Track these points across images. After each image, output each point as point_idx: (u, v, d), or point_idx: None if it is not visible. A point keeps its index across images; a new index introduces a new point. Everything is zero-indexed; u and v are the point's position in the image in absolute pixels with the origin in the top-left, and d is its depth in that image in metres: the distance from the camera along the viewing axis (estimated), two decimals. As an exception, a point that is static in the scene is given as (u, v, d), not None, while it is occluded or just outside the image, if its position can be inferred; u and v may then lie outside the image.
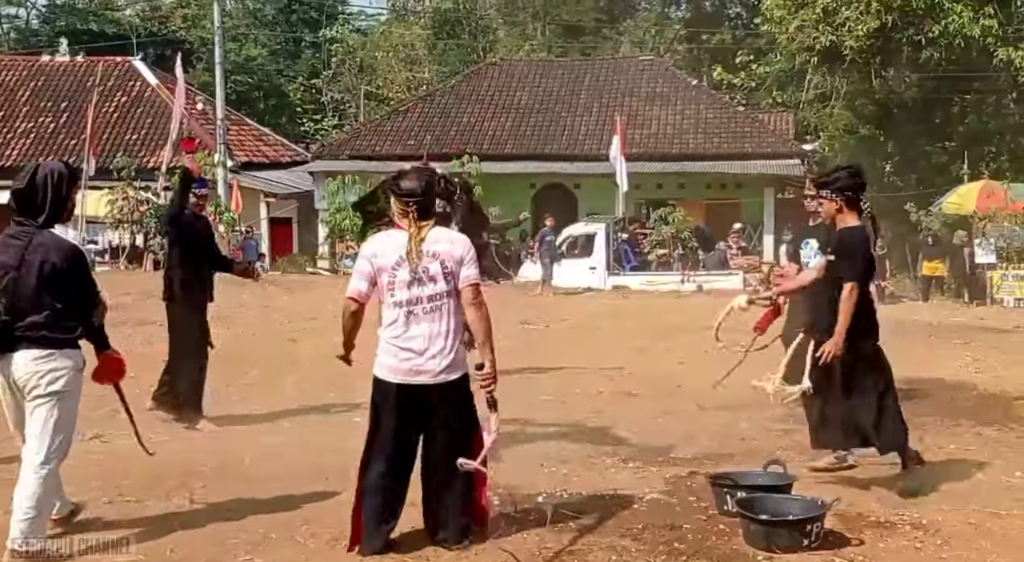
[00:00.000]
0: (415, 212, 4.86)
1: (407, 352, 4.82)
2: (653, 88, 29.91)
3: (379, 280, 4.84)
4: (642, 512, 5.75)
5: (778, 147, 27.81)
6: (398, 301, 4.83)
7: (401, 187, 4.93)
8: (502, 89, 30.70)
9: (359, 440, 7.49)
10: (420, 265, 4.81)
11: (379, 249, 4.90)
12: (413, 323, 4.82)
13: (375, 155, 28.30)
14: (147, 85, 31.79)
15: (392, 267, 4.82)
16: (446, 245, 4.89)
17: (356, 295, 4.90)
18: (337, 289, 17.99)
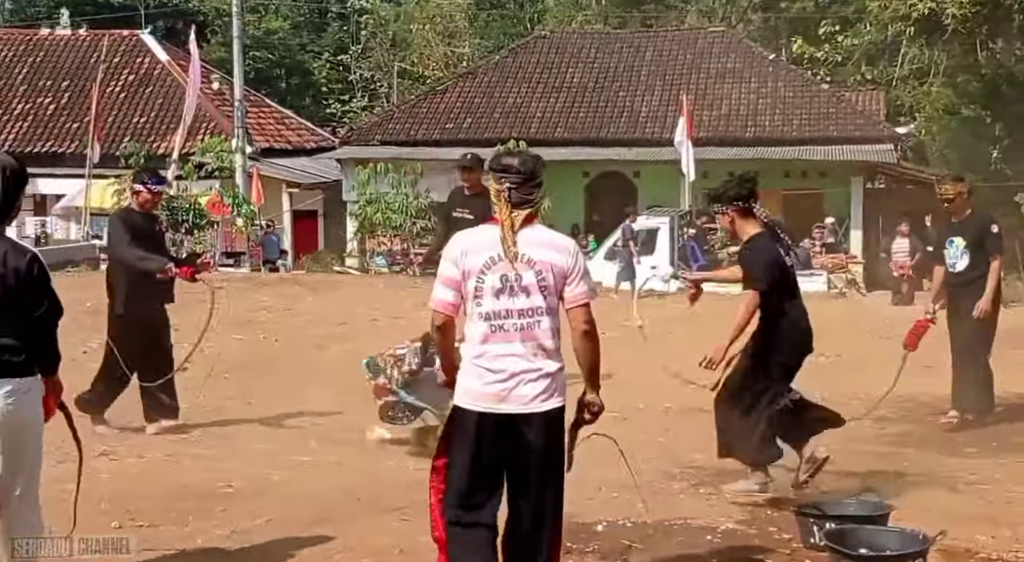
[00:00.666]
0: (508, 193, 4.54)
1: (492, 374, 4.47)
2: (724, 63, 29.75)
3: (464, 286, 4.48)
4: (716, 544, 5.73)
5: (867, 130, 27.55)
6: (484, 313, 4.47)
7: (500, 162, 4.66)
8: (552, 66, 30.70)
9: (394, 460, 7.57)
10: (514, 268, 4.47)
11: (467, 246, 4.54)
12: (502, 340, 4.46)
13: (409, 140, 28.44)
14: (157, 62, 32.20)
15: (480, 270, 4.47)
16: (547, 252, 4.51)
17: (441, 306, 4.53)
18: (367, 290, 18.13)
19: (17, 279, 4.46)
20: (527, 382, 4.46)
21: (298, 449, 7.90)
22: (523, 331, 4.47)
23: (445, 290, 4.52)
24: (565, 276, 4.51)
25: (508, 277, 4.46)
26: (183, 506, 6.31)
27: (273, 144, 31.44)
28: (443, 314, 4.53)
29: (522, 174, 4.58)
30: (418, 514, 6.17)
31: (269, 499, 6.50)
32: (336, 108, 44.83)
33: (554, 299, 4.50)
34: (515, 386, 4.45)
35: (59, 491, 6.46)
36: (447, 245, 4.63)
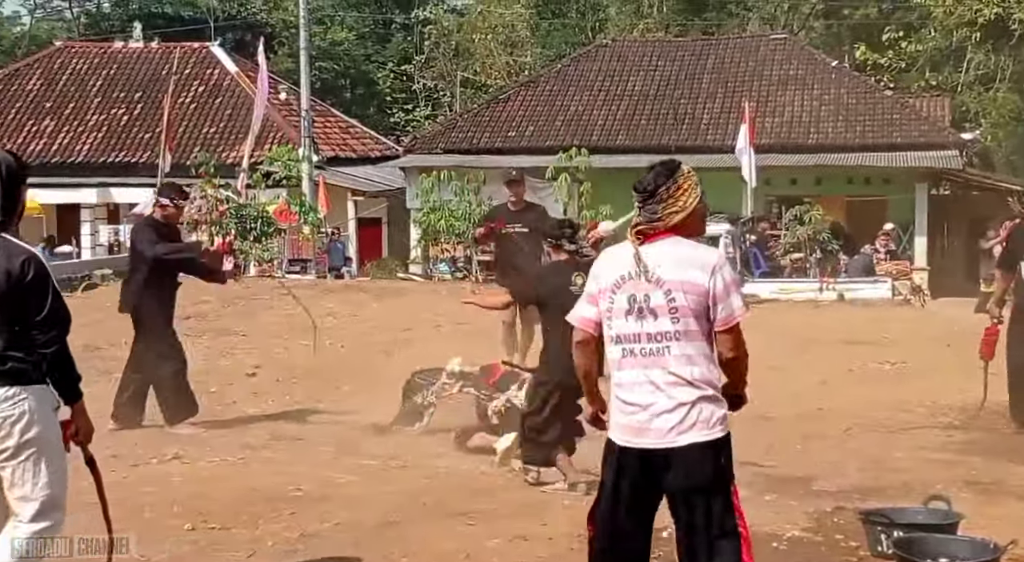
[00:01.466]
0: (638, 211, 4.23)
1: (629, 406, 4.11)
2: (786, 70, 29.51)
3: (600, 304, 4.20)
4: (782, 552, 5.68)
5: (932, 136, 27.16)
6: (614, 336, 4.16)
7: (643, 178, 4.33)
8: (613, 74, 30.63)
9: (459, 463, 7.58)
10: (640, 289, 4.12)
11: (602, 265, 4.28)
12: (633, 366, 4.12)
13: (472, 148, 28.52)
14: (226, 73, 32.59)
15: (612, 289, 4.17)
16: (681, 270, 4.09)
17: (580, 322, 4.29)
18: (431, 296, 18.19)
19: (8, 281, 4.18)
20: (662, 413, 4.06)
21: (364, 453, 7.95)
22: (653, 357, 4.08)
23: (585, 306, 4.27)
24: (705, 294, 4.07)
25: (636, 297, 4.11)
26: (253, 509, 6.37)
27: (339, 153, 31.69)
28: (581, 330, 4.28)
29: (643, 193, 4.25)
30: (483, 519, 6.20)
31: (336, 502, 6.55)
32: (400, 117, 45.11)
33: (691, 321, 4.07)
34: (650, 418, 4.07)
35: (137, 493, 6.57)
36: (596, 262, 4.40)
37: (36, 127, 31.40)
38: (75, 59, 33.86)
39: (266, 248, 24.40)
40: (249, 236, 23.84)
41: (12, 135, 31.17)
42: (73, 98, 32.30)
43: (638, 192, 4.26)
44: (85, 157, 30.40)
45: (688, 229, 4.26)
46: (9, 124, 31.56)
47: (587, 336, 4.27)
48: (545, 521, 6.17)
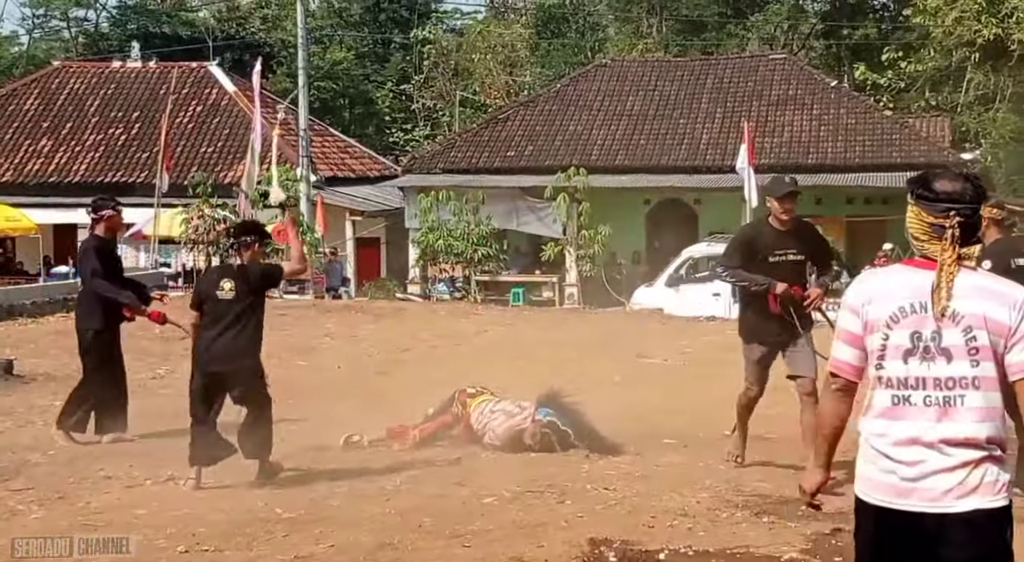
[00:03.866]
0: (957, 229, 3.50)
1: (892, 462, 3.45)
2: (785, 90, 29.62)
3: (866, 342, 3.52)
4: (779, 574, 5.67)
5: (932, 156, 27.22)
6: (887, 378, 3.48)
7: (935, 187, 3.60)
8: (613, 93, 30.74)
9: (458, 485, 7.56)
10: (936, 323, 3.44)
11: (874, 292, 3.58)
12: (907, 417, 3.45)
13: (471, 168, 28.59)
14: (224, 93, 32.71)
15: (888, 321, 3.48)
16: (981, 303, 3.44)
17: (841, 369, 3.58)
18: (429, 317, 18.22)
19: None
20: (938, 473, 3.41)
21: (360, 473, 7.94)
22: (939, 407, 3.42)
23: (845, 348, 3.56)
24: (1006, 335, 3.42)
25: (923, 335, 3.45)
26: (247, 531, 6.36)
27: (337, 173, 31.77)
28: (843, 378, 3.58)
29: (975, 203, 3.57)
30: (480, 541, 6.19)
31: (332, 524, 6.53)
32: (399, 137, 45.24)
33: (991, 365, 3.42)
34: (921, 477, 3.42)
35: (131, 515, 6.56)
36: (847, 292, 3.66)
37: (33, 147, 31.49)
38: (73, 79, 33.98)
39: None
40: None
41: (9, 155, 31.28)
42: (71, 118, 32.41)
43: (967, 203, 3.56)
44: (82, 177, 30.46)
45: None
46: (6, 144, 31.65)
47: (848, 384, 3.60)
48: (542, 543, 6.16)
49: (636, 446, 8.65)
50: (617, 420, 9.04)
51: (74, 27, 53.67)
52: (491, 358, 12.93)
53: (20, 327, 16.45)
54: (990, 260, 7.54)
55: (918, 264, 3.60)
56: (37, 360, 12.79)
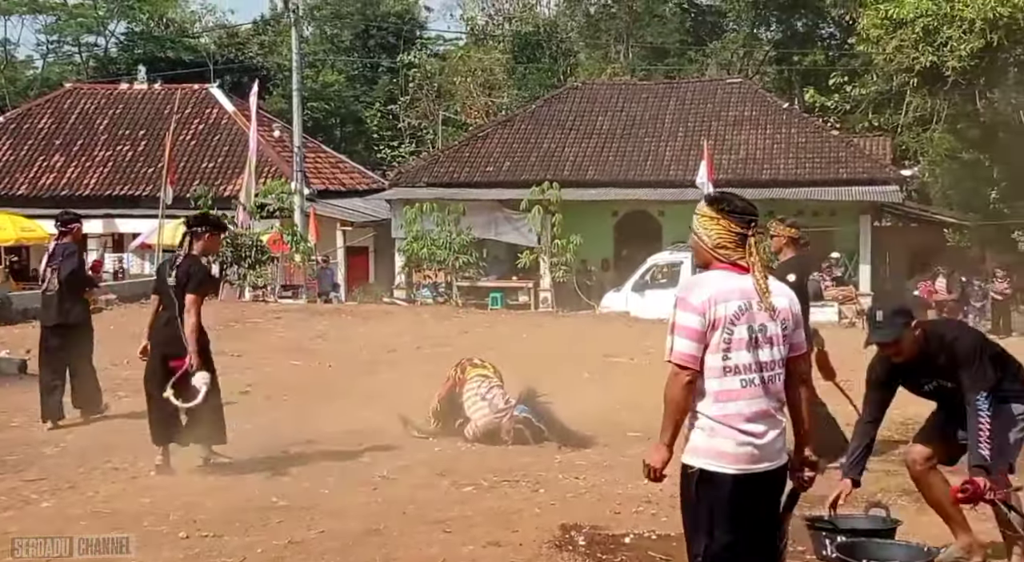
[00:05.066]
0: (754, 237, 3.96)
1: (748, 436, 3.84)
2: (741, 111, 29.70)
3: (710, 337, 3.86)
4: (735, 556, 5.66)
5: (875, 173, 27.37)
6: (734, 367, 3.85)
7: (736, 204, 4.00)
8: (583, 114, 30.77)
9: (439, 475, 7.55)
10: (764, 318, 3.89)
11: (716, 294, 3.88)
12: (754, 396, 3.87)
13: (453, 182, 28.56)
14: (224, 112, 32.55)
15: (732, 319, 3.85)
16: (785, 300, 3.95)
17: (687, 362, 3.86)
18: (414, 320, 18.17)
19: None
20: (774, 437, 3.89)
21: (350, 465, 7.92)
22: (769, 385, 3.88)
23: (690, 342, 3.85)
24: (795, 323, 3.96)
25: (754, 328, 3.86)
26: (244, 518, 6.33)
27: (328, 186, 31.66)
28: (691, 369, 3.85)
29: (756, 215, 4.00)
30: (459, 527, 6.19)
31: (322, 512, 6.51)
32: (386, 153, 45.14)
33: (787, 348, 3.94)
34: (767, 443, 3.86)
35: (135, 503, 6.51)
36: (689, 295, 3.92)
37: (47, 162, 31.27)
38: (83, 99, 33.78)
39: (260, 274, 24.32)
40: (244, 263, 23.76)
41: (24, 170, 31.06)
42: (81, 135, 32.21)
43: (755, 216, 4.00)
44: (92, 190, 30.27)
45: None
46: (22, 160, 31.43)
47: (695, 374, 3.87)
48: (516, 528, 6.16)
49: (604, 439, 8.66)
50: (586, 415, 9.06)
51: (85, 52, 53.35)
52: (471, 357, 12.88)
53: (34, 329, 16.28)
54: (794, 273, 7.78)
55: (735, 269, 3.93)
56: (49, 360, 12.70)
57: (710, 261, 4.00)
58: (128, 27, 51.59)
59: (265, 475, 7.50)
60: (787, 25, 44.00)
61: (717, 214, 3.99)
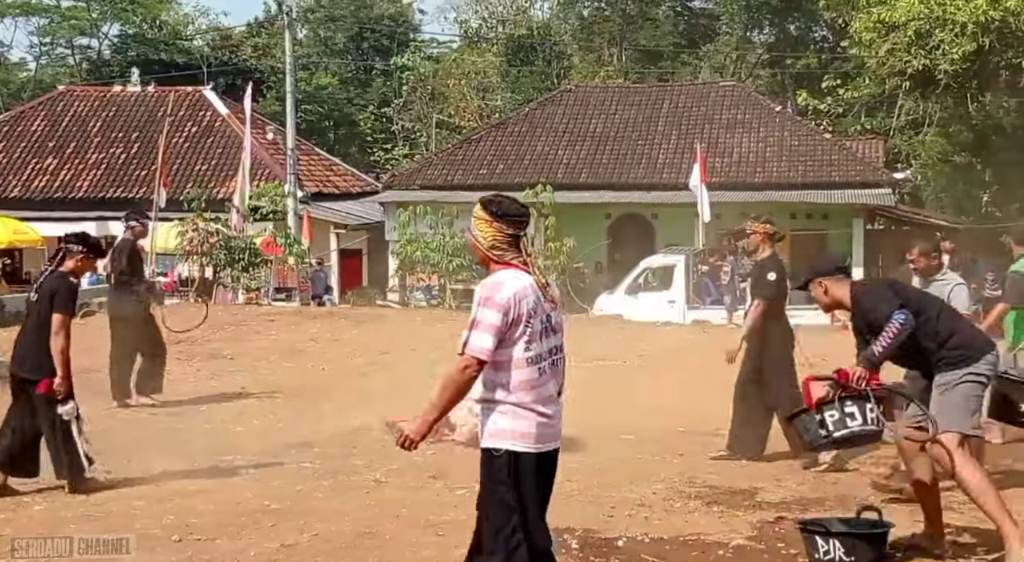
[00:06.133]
0: (527, 238, 4.33)
1: (546, 417, 4.25)
2: (734, 114, 29.75)
3: (513, 331, 4.17)
4: (728, 559, 5.68)
5: (867, 175, 27.43)
6: (534, 356, 4.21)
7: (509, 209, 4.30)
8: (577, 116, 30.80)
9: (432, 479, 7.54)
10: (549, 310, 4.29)
11: (516, 293, 4.20)
12: (548, 381, 4.28)
13: (447, 185, 28.55)
14: (217, 115, 32.51)
15: (530, 313, 4.19)
16: (556, 290, 4.43)
17: (485, 355, 4.15)
18: (408, 322, 18.14)
19: None
20: (560, 417, 4.35)
21: (343, 468, 7.90)
22: (556, 368, 4.32)
23: (492, 339, 4.13)
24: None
25: (544, 319, 4.25)
26: (237, 521, 6.32)
27: (322, 189, 31.65)
28: (484, 362, 4.15)
29: (527, 218, 4.37)
30: (453, 529, 6.17)
31: (315, 515, 6.50)
32: (380, 156, 45.12)
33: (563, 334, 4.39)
34: (557, 422, 4.32)
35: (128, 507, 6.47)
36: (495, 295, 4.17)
37: (40, 165, 31.20)
38: (77, 102, 33.71)
39: (253, 277, 24.28)
40: (237, 265, 23.73)
41: (17, 172, 31.00)
42: (74, 138, 32.14)
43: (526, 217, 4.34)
44: (85, 193, 30.22)
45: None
46: (15, 162, 31.37)
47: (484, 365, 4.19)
48: (509, 531, 6.14)
49: (596, 441, 8.65)
50: (578, 417, 9.02)
51: (78, 54, 53.26)
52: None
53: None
54: (774, 272, 7.94)
55: (516, 267, 4.27)
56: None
57: (487, 260, 4.33)
58: (121, 29, 51.50)
59: (257, 478, 7.48)
60: (780, 28, 44.07)
61: (490, 217, 4.29)
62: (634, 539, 5.97)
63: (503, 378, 4.19)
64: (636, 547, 5.84)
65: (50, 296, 7.00)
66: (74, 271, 7.30)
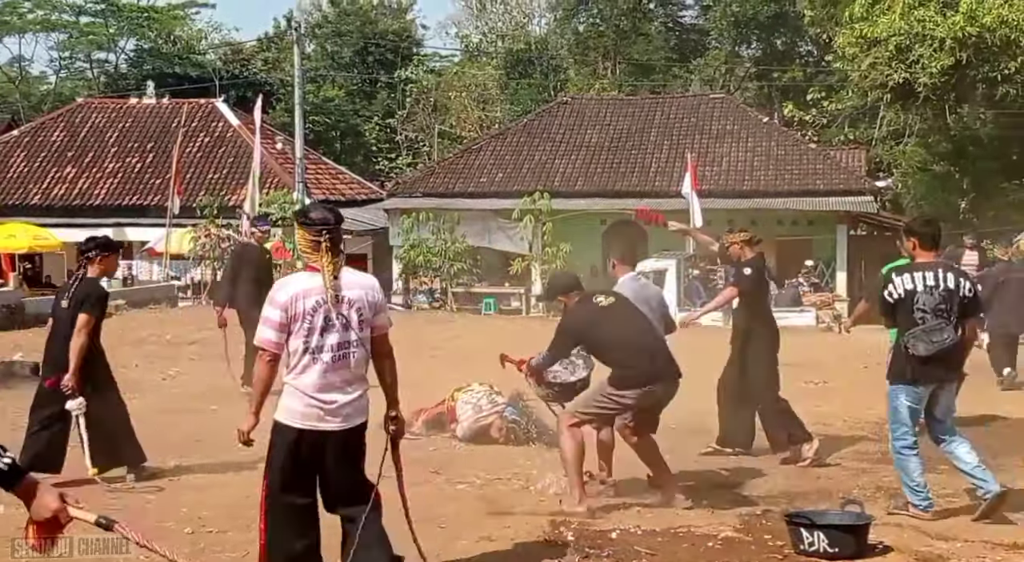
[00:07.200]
0: (328, 242, 4.63)
1: (316, 400, 4.65)
2: (724, 125, 29.74)
3: (293, 326, 4.60)
4: (717, 550, 5.68)
5: (850, 184, 27.42)
6: (313, 348, 4.62)
7: (311, 216, 4.72)
8: (573, 127, 30.79)
9: (432, 474, 7.54)
10: (336, 308, 4.61)
11: (297, 292, 4.64)
12: (322, 370, 4.64)
13: (448, 192, 28.56)
14: (229, 126, 32.52)
15: (310, 311, 4.60)
16: (361, 292, 4.72)
17: (271, 346, 4.65)
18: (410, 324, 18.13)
19: None
20: (344, 403, 4.66)
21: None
22: (340, 360, 4.63)
23: (274, 332, 4.62)
24: (376, 308, 4.74)
25: (330, 317, 4.60)
26: (248, 514, 6.26)
27: (328, 196, 31.59)
28: (272, 352, 4.65)
29: (334, 225, 4.69)
30: (454, 523, 6.18)
31: (321, 508, 6.48)
32: (384, 165, 45.11)
33: (368, 331, 4.69)
34: (334, 407, 4.64)
35: (142, 500, 6.48)
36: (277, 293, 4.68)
37: (59, 173, 31.20)
38: (95, 114, 33.72)
39: (262, 281, 24.25)
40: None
41: (38, 181, 31.00)
42: (92, 148, 32.13)
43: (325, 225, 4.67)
44: (103, 200, 30.22)
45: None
46: (35, 171, 31.36)
47: (276, 356, 4.68)
48: (508, 524, 6.16)
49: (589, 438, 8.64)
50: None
51: (96, 68, 53.24)
52: (465, 359, 12.93)
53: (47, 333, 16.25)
54: (749, 267, 8.36)
55: (312, 270, 4.67)
56: (61, 363, 12.66)
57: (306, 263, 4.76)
58: (137, 44, 51.50)
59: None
60: (767, 43, 44.11)
61: (298, 224, 4.76)
62: (627, 531, 5.98)
63: (289, 363, 4.66)
64: (629, 539, 5.84)
65: (80, 301, 7.06)
66: (100, 274, 7.35)
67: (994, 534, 5.90)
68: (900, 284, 6.33)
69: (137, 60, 50.84)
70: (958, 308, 6.24)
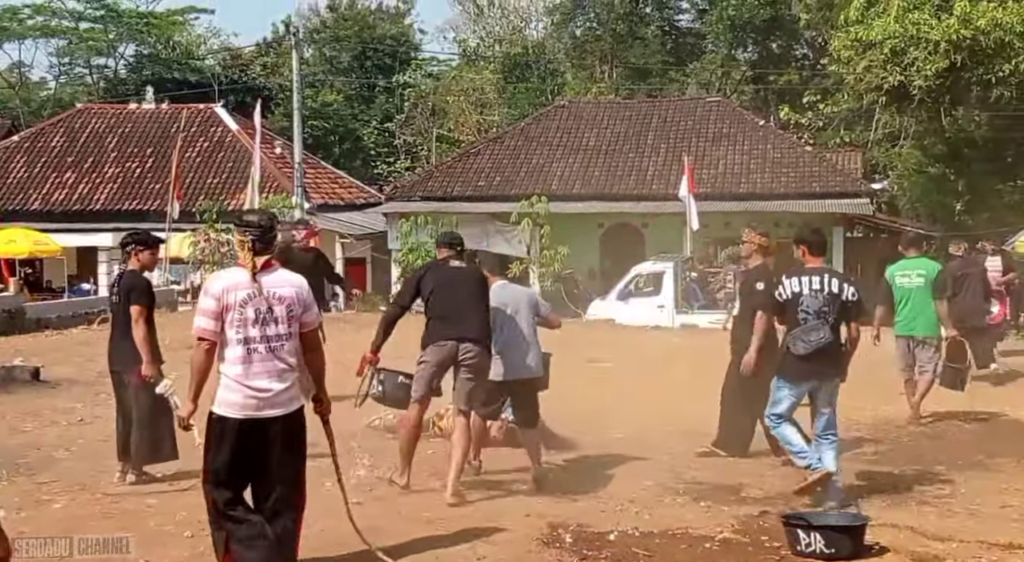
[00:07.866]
0: (252, 243, 4.99)
1: (252, 390, 4.91)
2: (720, 128, 29.77)
3: (226, 316, 4.92)
4: (715, 551, 5.68)
5: (846, 186, 27.45)
6: (244, 338, 4.93)
7: (243, 219, 5.10)
8: (570, 131, 30.81)
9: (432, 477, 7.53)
10: (265, 304, 4.93)
11: (228, 285, 4.97)
12: (257, 360, 4.92)
13: (446, 196, 28.57)
14: (228, 131, 32.53)
15: (242, 303, 4.93)
16: (291, 289, 5.04)
17: (208, 335, 4.95)
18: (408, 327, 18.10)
19: None
20: (278, 391, 4.95)
21: (345, 467, 7.87)
22: (273, 352, 4.94)
23: (210, 321, 4.92)
24: (303, 306, 5.03)
25: (261, 310, 4.92)
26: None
27: (328, 200, 31.66)
28: (209, 341, 4.92)
29: (262, 228, 5.02)
30: (453, 525, 6.18)
31: (321, 511, 6.46)
32: (383, 169, 45.13)
33: (296, 326, 5.01)
34: (271, 395, 4.93)
35: (142, 504, 6.47)
36: (211, 285, 5.00)
37: (59, 179, 31.21)
38: (94, 119, 33.73)
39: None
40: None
41: (38, 186, 31.01)
42: (92, 153, 32.14)
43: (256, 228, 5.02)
44: (102, 205, 30.23)
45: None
46: (35, 176, 31.38)
47: (213, 345, 4.94)
48: (506, 526, 6.16)
49: (589, 439, 8.66)
50: (571, 416, 9.05)
51: (96, 74, 53.25)
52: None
53: (47, 338, 16.26)
54: (762, 281, 7.88)
55: (241, 266, 5.01)
56: (62, 367, 12.64)
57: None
58: (137, 50, 51.54)
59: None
60: (763, 46, 44.13)
61: (234, 226, 5.16)
62: (625, 533, 5.98)
63: (223, 354, 4.95)
64: (627, 541, 5.85)
65: (127, 293, 7.32)
66: (142, 267, 7.56)
67: (989, 534, 5.91)
68: (788, 287, 6.88)
69: (136, 65, 50.87)
70: (839, 311, 6.71)
